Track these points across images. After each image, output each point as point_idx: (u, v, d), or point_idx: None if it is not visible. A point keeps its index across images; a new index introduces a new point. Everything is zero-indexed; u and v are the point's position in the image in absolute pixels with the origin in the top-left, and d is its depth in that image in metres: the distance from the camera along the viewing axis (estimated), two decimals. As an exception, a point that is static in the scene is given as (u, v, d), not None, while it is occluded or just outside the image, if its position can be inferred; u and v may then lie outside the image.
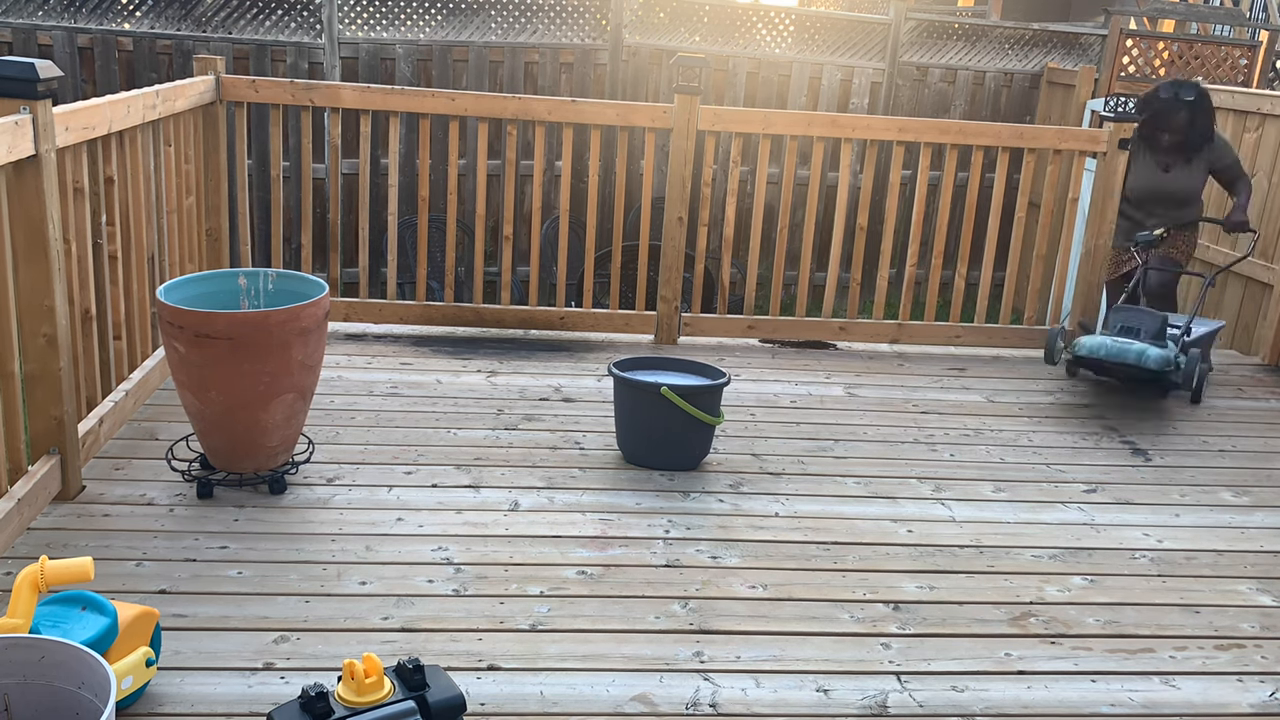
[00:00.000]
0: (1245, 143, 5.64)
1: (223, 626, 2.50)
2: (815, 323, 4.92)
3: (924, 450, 3.79)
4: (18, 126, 2.65)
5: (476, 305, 4.75)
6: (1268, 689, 2.54)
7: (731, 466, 3.56)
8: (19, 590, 1.96)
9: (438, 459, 3.46)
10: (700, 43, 8.14)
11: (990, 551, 3.11)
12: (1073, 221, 4.96)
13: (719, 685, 2.42)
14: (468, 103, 4.49)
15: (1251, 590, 2.99)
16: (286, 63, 7.42)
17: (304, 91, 4.41)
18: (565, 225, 4.80)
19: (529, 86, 7.82)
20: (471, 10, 7.72)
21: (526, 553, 2.92)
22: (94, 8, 7.30)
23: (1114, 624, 2.77)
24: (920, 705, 2.40)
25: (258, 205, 7.11)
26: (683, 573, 2.88)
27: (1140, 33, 8.81)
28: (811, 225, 4.87)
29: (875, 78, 8.17)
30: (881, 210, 6.36)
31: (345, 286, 5.92)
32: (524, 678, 2.40)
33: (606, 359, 4.53)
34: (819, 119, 4.72)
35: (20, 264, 2.83)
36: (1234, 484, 3.70)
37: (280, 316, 2.98)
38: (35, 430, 2.97)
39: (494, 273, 7.45)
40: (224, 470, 3.14)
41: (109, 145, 3.31)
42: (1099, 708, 2.44)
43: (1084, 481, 3.62)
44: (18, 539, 2.79)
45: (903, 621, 2.72)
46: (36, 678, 1.81)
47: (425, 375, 4.20)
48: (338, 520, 3.03)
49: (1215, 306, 5.85)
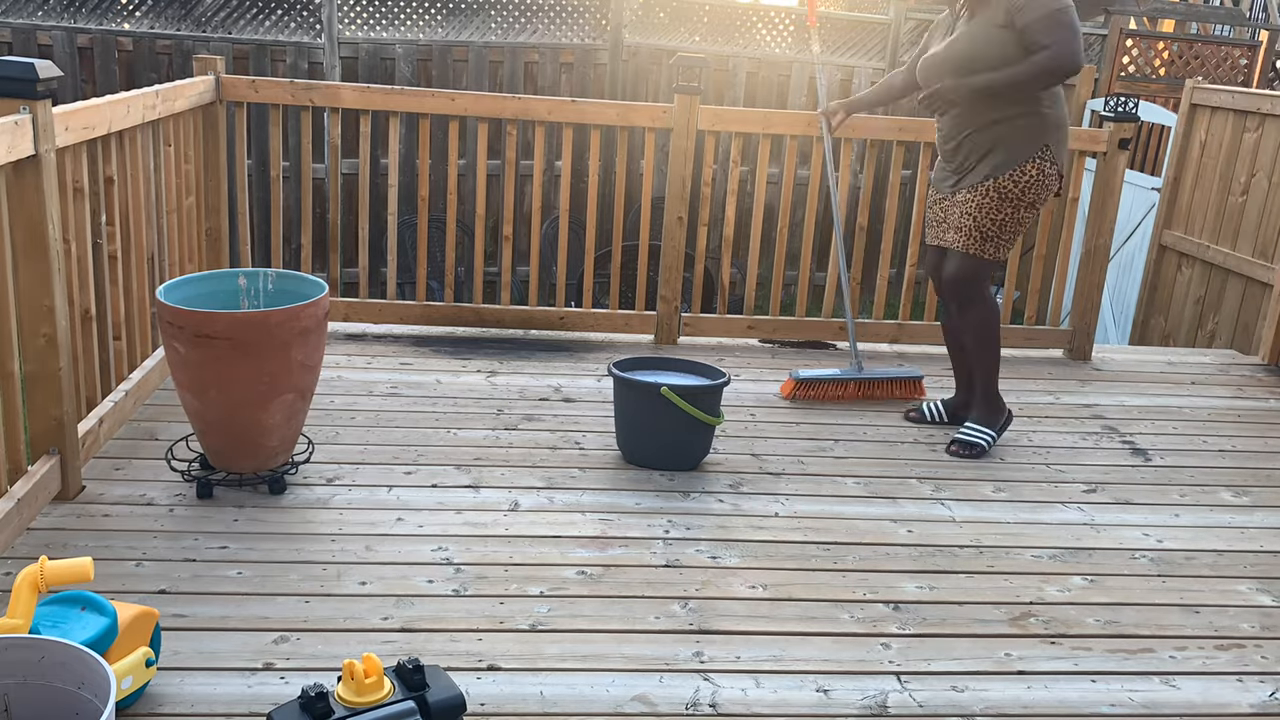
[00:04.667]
0: (1245, 143, 5.64)
1: (223, 626, 2.50)
2: (815, 323, 4.92)
3: (924, 450, 3.79)
4: (17, 126, 2.65)
5: (476, 305, 4.75)
6: (1268, 689, 2.54)
7: (731, 466, 3.56)
8: (19, 590, 1.96)
9: (438, 459, 3.46)
10: (700, 43, 8.14)
11: (990, 551, 3.11)
12: (1073, 221, 4.96)
13: (719, 685, 2.42)
14: (468, 103, 4.49)
15: (1251, 590, 2.99)
16: (286, 63, 7.43)
17: (304, 91, 4.41)
18: (565, 225, 4.80)
19: (529, 86, 7.82)
20: (471, 10, 7.72)
21: (526, 553, 2.92)
22: (94, 8, 7.30)
23: (1114, 624, 2.77)
24: (920, 705, 2.40)
25: (257, 205, 7.12)
26: (683, 573, 2.88)
27: (1140, 33, 8.81)
28: (811, 225, 4.87)
29: (875, 77, 8.17)
30: (881, 210, 6.36)
31: (345, 286, 5.92)
32: (524, 678, 2.40)
33: (606, 359, 4.53)
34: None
35: (20, 264, 2.83)
36: (1234, 484, 3.70)
37: (280, 316, 2.97)
38: (35, 430, 2.97)
39: (494, 273, 7.45)
40: (224, 470, 3.14)
41: (109, 145, 3.31)
42: (1099, 708, 2.44)
43: (1084, 481, 3.62)
44: (17, 539, 2.79)
45: (903, 622, 2.72)
46: (36, 678, 1.81)
47: (425, 375, 4.20)
48: (338, 520, 3.03)
49: (1215, 306, 5.85)
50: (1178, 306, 6.20)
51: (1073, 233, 5.03)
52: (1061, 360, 4.96)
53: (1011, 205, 3.58)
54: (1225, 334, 5.76)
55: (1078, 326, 4.98)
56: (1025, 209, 3.60)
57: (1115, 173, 4.78)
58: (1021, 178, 3.55)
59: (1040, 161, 3.55)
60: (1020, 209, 3.60)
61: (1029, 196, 3.58)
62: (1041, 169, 3.55)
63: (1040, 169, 3.55)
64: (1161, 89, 8.31)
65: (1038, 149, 3.54)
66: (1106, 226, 4.86)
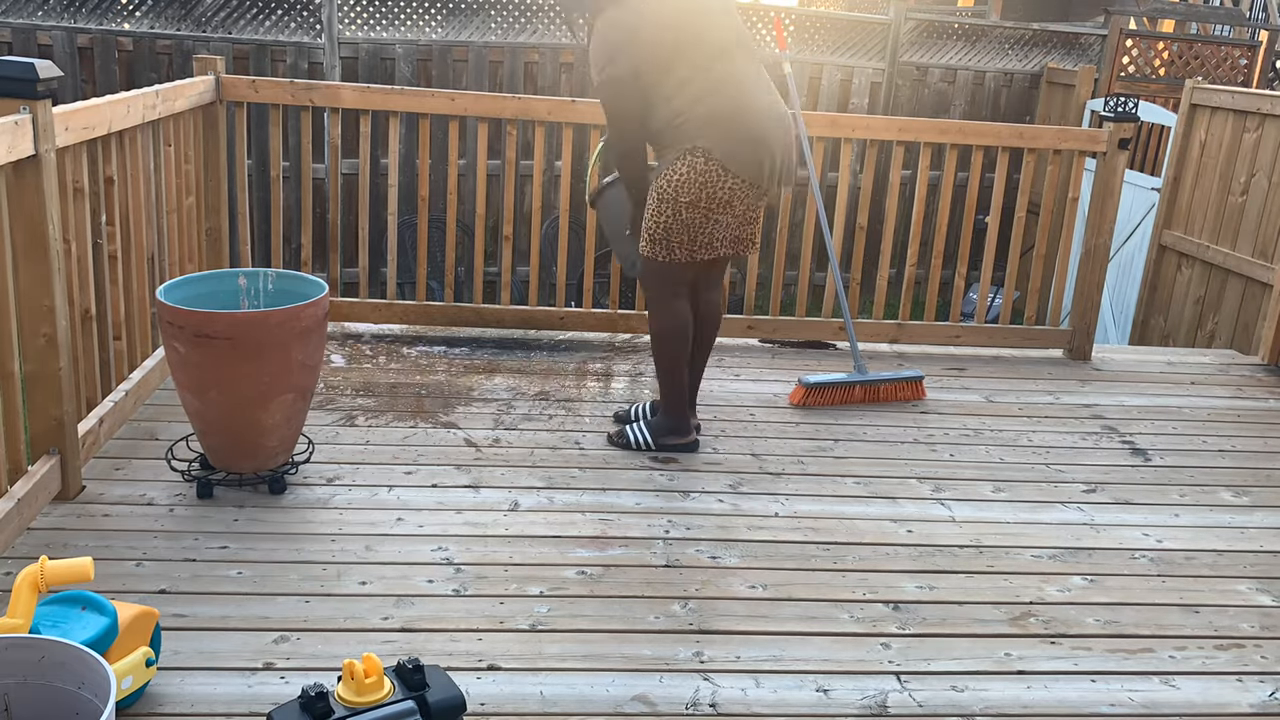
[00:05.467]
0: (1245, 143, 5.64)
1: (223, 626, 2.50)
2: (815, 323, 4.92)
3: (924, 450, 3.79)
4: (17, 126, 2.65)
5: (476, 305, 4.75)
6: (1268, 689, 2.54)
7: (731, 466, 3.56)
8: (19, 590, 1.96)
9: (438, 459, 3.46)
10: (700, 43, 8.13)
11: (990, 551, 3.11)
12: (1073, 221, 4.96)
13: (719, 685, 2.42)
14: (468, 102, 4.49)
15: (1251, 590, 2.99)
16: (286, 63, 7.43)
17: (304, 91, 4.41)
18: (565, 225, 4.80)
19: (529, 86, 7.82)
20: (471, 10, 7.72)
21: (526, 553, 2.92)
22: (94, 8, 7.30)
23: (1114, 624, 2.77)
24: (920, 705, 2.40)
25: (257, 205, 7.11)
26: (682, 573, 2.88)
27: (1140, 33, 8.82)
28: (811, 225, 4.87)
29: (875, 78, 8.18)
30: (881, 210, 6.37)
31: (345, 286, 5.92)
32: (524, 678, 2.40)
33: (606, 359, 4.54)
34: (818, 119, 4.71)
35: (20, 264, 2.83)
36: (1234, 484, 3.70)
37: (280, 316, 2.98)
38: (35, 430, 2.97)
39: (494, 273, 7.45)
40: (224, 470, 3.14)
41: (109, 145, 3.31)
42: (1099, 708, 2.44)
43: (1084, 481, 3.62)
44: (17, 539, 2.79)
45: (903, 621, 2.72)
46: (36, 678, 1.81)
47: (425, 375, 4.20)
48: (338, 520, 3.03)
49: (1215, 306, 5.85)
50: (1177, 306, 6.21)
51: (1072, 233, 5.03)
52: (1061, 360, 4.96)
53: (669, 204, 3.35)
54: (1225, 334, 5.76)
55: (1077, 326, 4.98)
56: (686, 209, 3.34)
57: (1115, 173, 4.78)
58: (673, 176, 3.33)
59: (691, 159, 3.30)
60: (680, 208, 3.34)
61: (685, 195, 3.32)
62: (693, 166, 3.30)
63: (691, 166, 3.30)
64: (1161, 89, 8.31)
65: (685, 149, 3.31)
66: (1106, 226, 4.86)
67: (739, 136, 3.29)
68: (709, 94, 3.29)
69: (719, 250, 3.43)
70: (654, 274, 3.48)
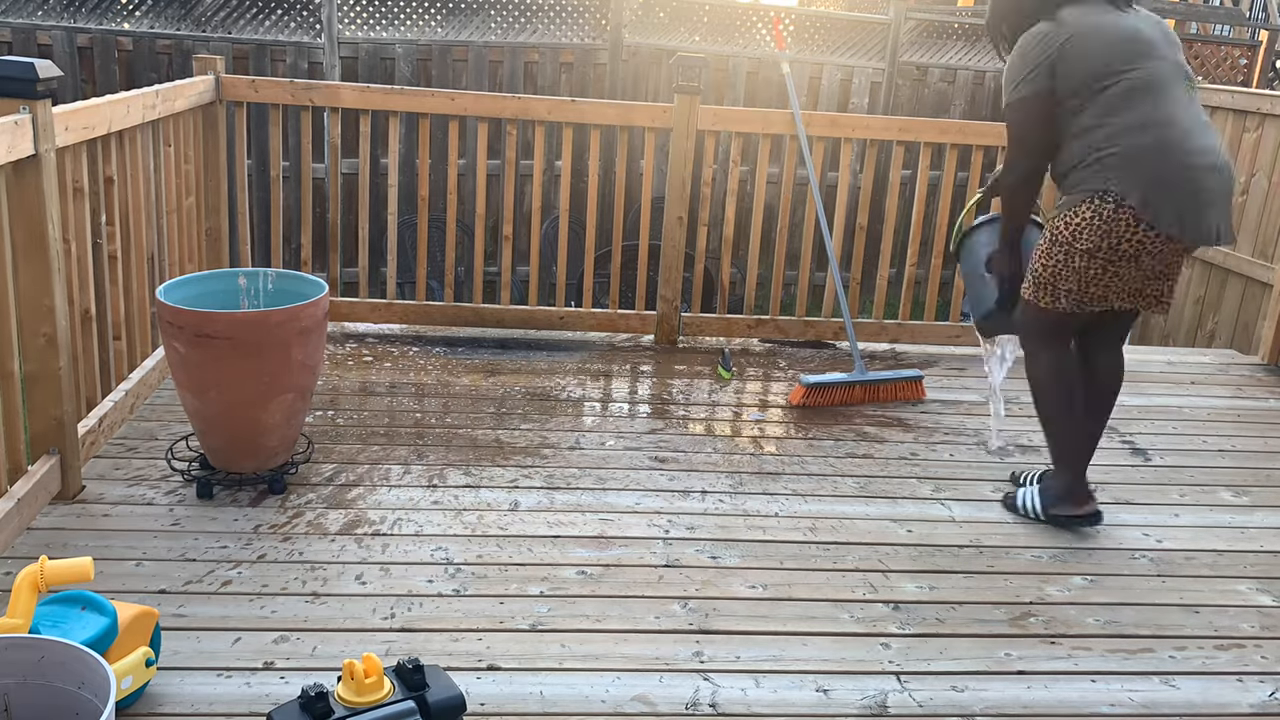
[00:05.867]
0: (1245, 143, 5.64)
1: (223, 626, 2.50)
2: (815, 323, 4.92)
3: (924, 450, 3.79)
4: (17, 126, 2.65)
5: (476, 305, 4.75)
6: (1268, 689, 2.54)
7: (731, 466, 3.56)
8: (19, 590, 1.96)
9: (438, 459, 3.46)
10: (700, 43, 8.14)
11: (990, 551, 3.11)
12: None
13: (719, 685, 2.42)
14: (467, 102, 4.49)
15: (1251, 590, 2.99)
16: (286, 62, 7.43)
17: (304, 91, 4.41)
18: (565, 225, 4.80)
19: (529, 86, 7.82)
20: (471, 10, 7.72)
21: (526, 553, 2.92)
22: (94, 8, 7.30)
23: (1114, 624, 2.77)
24: (920, 705, 2.40)
25: (257, 205, 7.11)
26: (683, 573, 2.88)
27: (1140, 32, 8.79)
28: (811, 225, 4.87)
29: (875, 77, 8.18)
30: (881, 210, 6.37)
31: (345, 286, 5.92)
32: (524, 678, 2.40)
33: (606, 359, 4.54)
34: (818, 119, 4.71)
35: (20, 264, 2.83)
36: (1234, 484, 3.70)
37: (280, 316, 2.98)
38: (35, 430, 2.97)
39: (494, 272, 7.45)
40: (224, 470, 3.14)
41: (109, 145, 3.31)
42: (1099, 708, 2.44)
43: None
44: (17, 539, 2.79)
45: (903, 621, 2.72)
46: (36, 678, 1.81)
47: (425, 375, 4.20)
48: (337, 520, 3.03)
49: (1215, 306, 5.85)
50: (1177, 306, 6.20)
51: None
52: (1061, 360, 4.95)
53: (1062, 249, 3.06)
54: (1225, 334, 5.76)
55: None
56: (1081, 256, 3.01)
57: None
58: (1073, 219, 3.02)
59: (1099, 204, 2.96)
60: (1074, 256, 3.03)
61: (1081, 242, 3.00)
62: (1098, 212, 2.96)
63: (1096, 212, 2.97)
64: (1161, 89, 8.28)
65: (1095, 192, 2.97)
66: (1106, 226, 4.85)
67: (1161, 183, 2.90)
68: (1132, 131, 2.91)
69: (1113, 303, 3.06)
70: (1034, 319, 3.18)
